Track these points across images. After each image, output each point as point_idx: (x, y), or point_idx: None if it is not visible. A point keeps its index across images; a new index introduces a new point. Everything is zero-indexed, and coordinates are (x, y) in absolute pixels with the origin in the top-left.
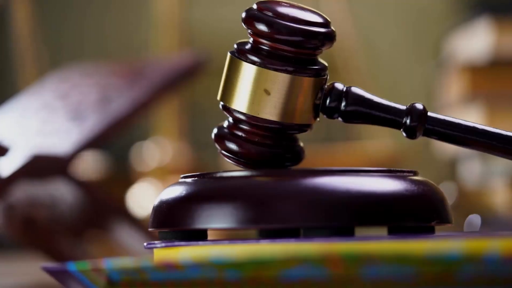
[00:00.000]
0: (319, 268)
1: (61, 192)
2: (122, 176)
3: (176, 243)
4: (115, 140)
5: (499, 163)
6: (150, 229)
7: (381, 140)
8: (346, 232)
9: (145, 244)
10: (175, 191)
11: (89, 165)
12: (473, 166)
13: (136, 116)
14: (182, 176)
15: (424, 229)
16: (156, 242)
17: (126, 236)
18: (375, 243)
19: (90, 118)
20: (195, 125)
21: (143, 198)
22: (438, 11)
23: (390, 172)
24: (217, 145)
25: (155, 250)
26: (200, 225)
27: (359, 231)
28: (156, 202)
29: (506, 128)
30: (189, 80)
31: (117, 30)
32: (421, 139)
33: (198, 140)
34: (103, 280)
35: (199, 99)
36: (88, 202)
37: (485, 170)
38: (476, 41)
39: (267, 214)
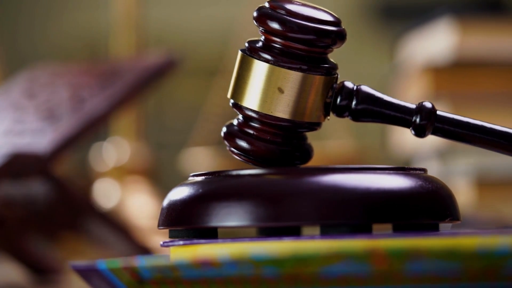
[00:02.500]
0: (361, 264)
1: (37, 192)
2: (82, 176)
3: (195, 241)
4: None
5: (461, 162)
6: (160, 228)
7: (339, 140)
8: (364, 229)
9: (161, 242)
10: (189, 189)
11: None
12: (431, 166)
13: (111, 116)
14: (192, 174)
15: (429, 227)
16: (174, 240)
17: (103, 237)
18: (421, 239)
19: (64, 117)
20: (153, 126)
21: (101, 198)
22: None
23: (404, 170)
24: (226, 143)
25: (171, 248)
26: (217, 223)
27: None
28: (168, 200)
29: None
30: (162, 79)
31: (76, 30)
32: (377, 139)
33: (155, 140)
34: (132, 278)
35: (157, 100)
36: (65, 202)
37: (445, 170)
38: (438, 41)
39: (286, 211)
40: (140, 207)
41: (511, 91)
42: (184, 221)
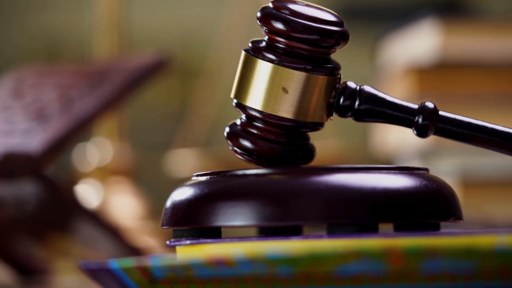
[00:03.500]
0: (377, 263)
1: (27, 192)
2: (65, 176)
3: (202, 240)
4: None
5: (444, 163)
6: (163, 227)
7: (323, 141)
8: (371, 228)
9: (168, 242)
10: (195, 188)
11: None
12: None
13: (101, 116)
14: (195, 174)
15: (429, 226)
16: (180, 239)
17: (93, 237)
18: (439, 238)
19: (53, 117)
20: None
21: (84, 198)
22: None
23: (408, 170)
24: (229, 142)
25: (178, 248)
26: (224, 222)
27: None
28: (173, 199)
29: None
30: (151, 80)
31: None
32: (359, 139)
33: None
34: (144, 278)
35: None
36: (56, 203)
37: None
38: (422, 42)
39: (293, 211)
40: (123, 207)
41: (495, 92)
42: (190, 220)
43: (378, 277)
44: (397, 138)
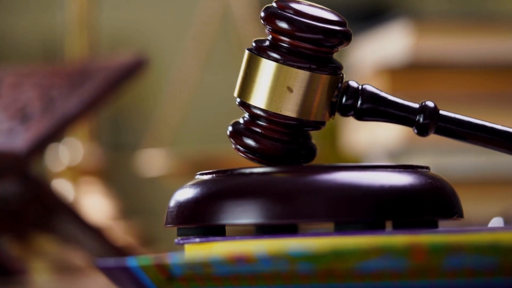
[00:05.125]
0: (399, 259)
1: (10, 191)
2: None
3: (211, 238)
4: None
5: (416, 162)
6: (167, 226)
7: None
8: (378, 226)
9: (176, 240)
10: (202, 187)
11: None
12: None
13: (84, 116)
14: (198, 173)
15: (428, 224)
16: (189, 237)
17: (75, 237)
18: (463, 235)
19: (35, 117)
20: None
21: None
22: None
23: (412, 168)
24: (232, 141)
25: (186, 246)
26: (232, 220)
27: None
28: (178, 198)
29: None
30: (131, 80)
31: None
32: (327, 139)
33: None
34: (161, 275)
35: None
36: (40, 202)
37: None
38: (393, 43)
39: (302, 209)
40: (94, 207)
41: (466, 92)
42: (198, 218)
43: (398, 273)
44: (368, 138)
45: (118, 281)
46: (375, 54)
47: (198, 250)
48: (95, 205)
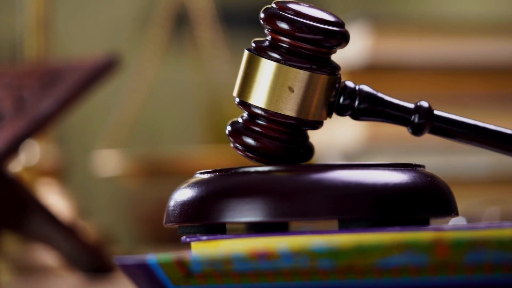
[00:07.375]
0: (421, 255)
1: None
2: None
3: (219, 236)
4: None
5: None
6: (168, 224)
7: None
8: (382, 223)
9: (183, 238)
10: (206, 185)
11: None
12: None
13: (57, 116)
14: (198, 172)
15: (419, 221)
16: (197, 235)
17: (48, 236)
18: (486, 231)
19: (8, 117)
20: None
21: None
22: None
23: (411, 166)
24: (231, 140)
25: (193, 244)
26: (237, 218)
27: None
28: (179, 196)
29: (387, 132)
30: (102, 80)
31: None
32: None
33: (65, 141)
34: (180, 272)
35: None
36: (14, 202)
37: None
38: (352, 45)
39: (307, 206)
40: (51, 208)
41: (424, 94)
42: (202, 217)
43: (418, 269)
44: (324, 138)
45: (134, 277)
46: (334, 56)
47: (205, 248)
48: (52, 205)
